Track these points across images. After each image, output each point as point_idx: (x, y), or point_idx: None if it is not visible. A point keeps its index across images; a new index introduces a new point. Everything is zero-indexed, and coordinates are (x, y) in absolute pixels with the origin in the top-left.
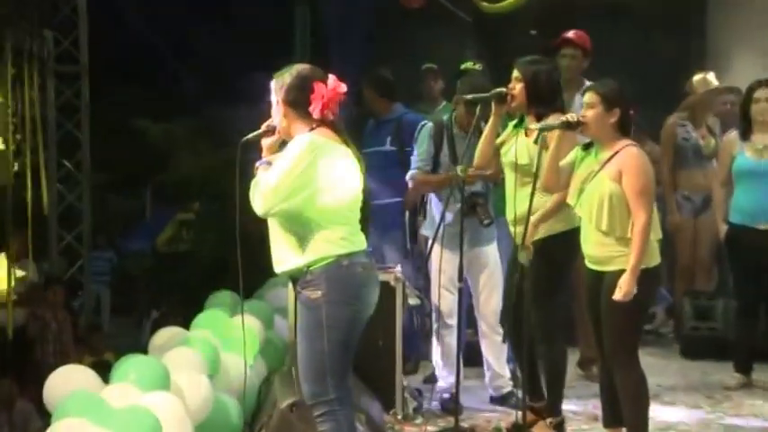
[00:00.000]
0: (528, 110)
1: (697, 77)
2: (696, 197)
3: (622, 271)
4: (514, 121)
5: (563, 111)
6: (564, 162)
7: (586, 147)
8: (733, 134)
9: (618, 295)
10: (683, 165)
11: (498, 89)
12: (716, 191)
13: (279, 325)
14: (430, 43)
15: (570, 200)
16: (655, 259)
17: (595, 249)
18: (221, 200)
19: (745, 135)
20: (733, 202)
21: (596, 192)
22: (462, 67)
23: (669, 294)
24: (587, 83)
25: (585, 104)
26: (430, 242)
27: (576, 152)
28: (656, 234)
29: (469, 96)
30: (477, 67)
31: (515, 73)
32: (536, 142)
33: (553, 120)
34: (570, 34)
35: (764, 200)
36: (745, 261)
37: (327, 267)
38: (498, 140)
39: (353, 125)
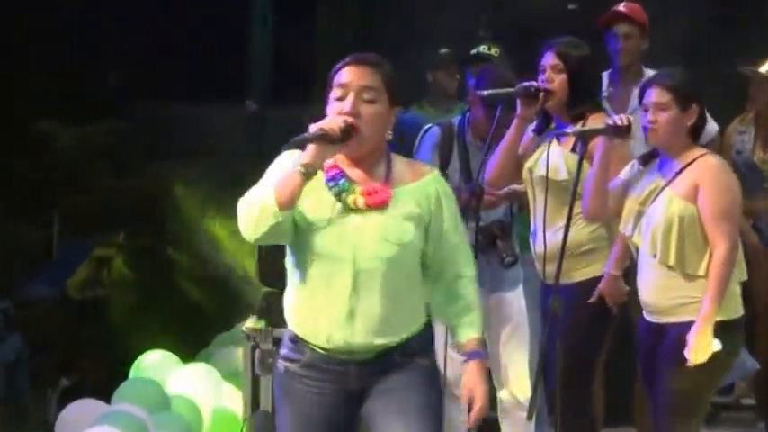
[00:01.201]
0: (567, 109)
1: (765, 67)
2: (763, 225)
3: (693, 323)
4: (533, 125)
5: (604, 111)
6: (615, 180)
7: (646, 159)
8: None
9: (689, 354)
10: (741, 186)
11: (527, 83)
12: None
13: (230, 396)
14: (434, 20)
15: (624, 227)
16: (736, 309)
17: (656, 293)
18: (153, 231)
19: None
20: None
21: (661, 214)
22: (474, 51)
23: (750, 354)
24: (648, 72)
25: (654, 105)
26: None
27: (631, 167)
28: (741, 274)
29: (488, 92)
30: (494, 52)
31: (552, 60)
32: (574, 151)
33: (596, 122)
34: (622, 7)
35: None
36: None
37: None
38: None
39: None
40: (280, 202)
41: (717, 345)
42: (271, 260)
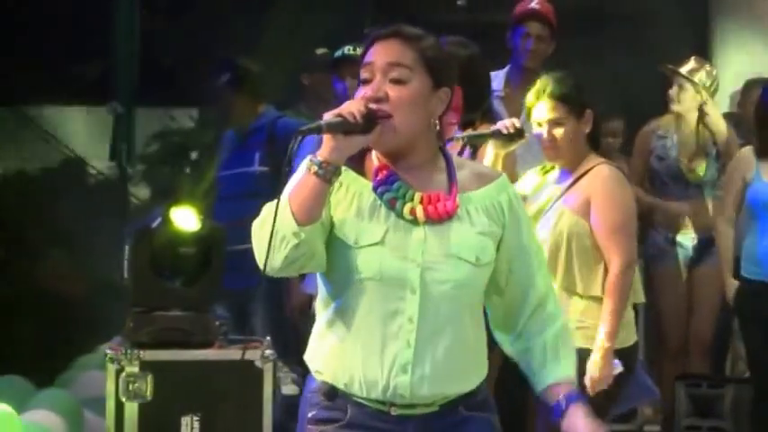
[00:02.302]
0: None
1: (687, 67)
2: (686, 241)
3: (587, 351)
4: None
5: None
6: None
7: (547, 168)
8: (745, 151)
9: (590, 383)
10: (661, 196)
11: None
12: (721, 232)
13: (92, 425)
14: (310, 19)
15: None
16: (628, 337)
17: None
18: (7, 243)
19: (763, 152)
20: (746, 248)
21: (550, 229)
22: (339, 53)
23: (652, 380)
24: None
25: (549, 121)
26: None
27: (528, 176)
28: (635, 296)
29: None
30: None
31: None
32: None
33: (485, 127)
34: (535, 4)
35: None
36: (765, 331)
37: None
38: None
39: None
40: (297, 213)
41: (618, 366)
42: (141, 275)
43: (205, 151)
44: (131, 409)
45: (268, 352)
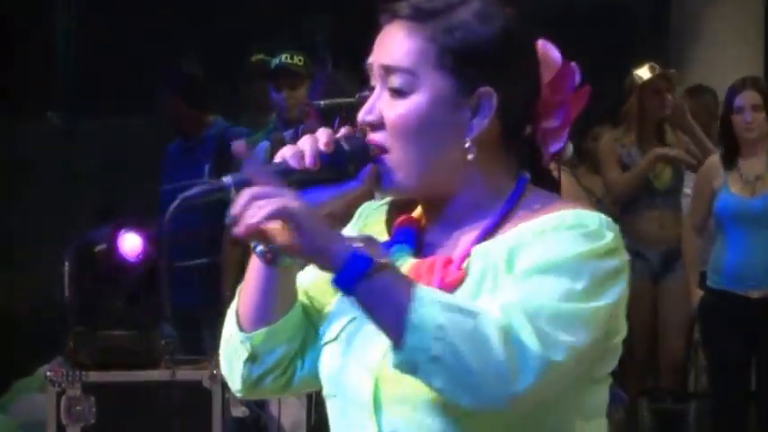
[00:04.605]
0: None
1: (640, 70)
2: (651, 253)
3: None
4: None
5: None
6: None
7: None
8: (712, 160)
9: None
10: (627, 206)
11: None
12: (688, 241)
13: None
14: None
15: None
16: None
17: None
18: None
19: (729, 161)
20: (713, 259)
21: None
22: (276, 62)
23: (622, 392)
24: None
25: None
26: None
27: None
28: None
29: (324, 102)
30: (298, 61)
31: None
32: None
33: None
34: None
35: (758, 255)
36: (729, 343)
37: None
38: None
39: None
40: (241, 314)
41: None
42: (83, 294)
43: (147, 163)
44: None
45: (216, 372)
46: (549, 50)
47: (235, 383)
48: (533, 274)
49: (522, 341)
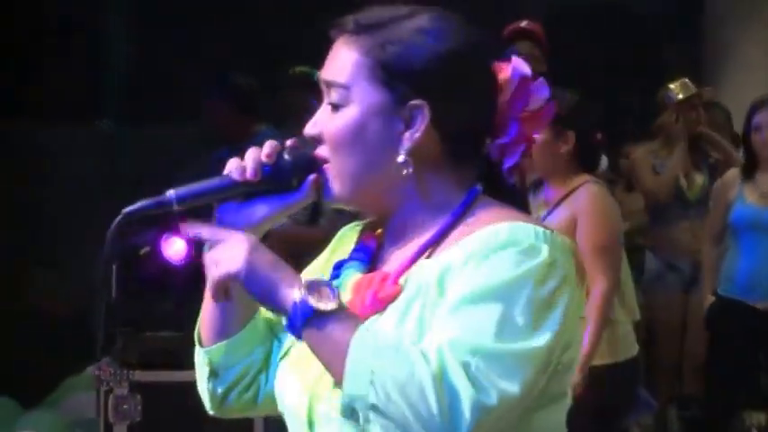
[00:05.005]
0: None
1: (673, 85)
2: (684, 264)
3: None
4: None
5: None
6: None
7: (535, 185)
8: (731, 172)
9: None
10: (659, 217)
11: None
12: (706, 250)
13: None
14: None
15: None
16: (627, 349)
17: None
18: None
19: (747, 173)
20: (725, 267)
21: None
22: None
23: (651, 399)
24: None
25: None
26: None
27: None
28: (631, 314)
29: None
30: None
31: None
32: None
33: None
34: (525, 23)
35: None
36: (734, 350)
37: None
38: None
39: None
40: (200, 328)
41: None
42: (130, 296)
43: (197, 170)
44: (120, 431)
45: None
46: (515, 68)
47: (206, 402)
48: (467, 304)
49: (455, 389)
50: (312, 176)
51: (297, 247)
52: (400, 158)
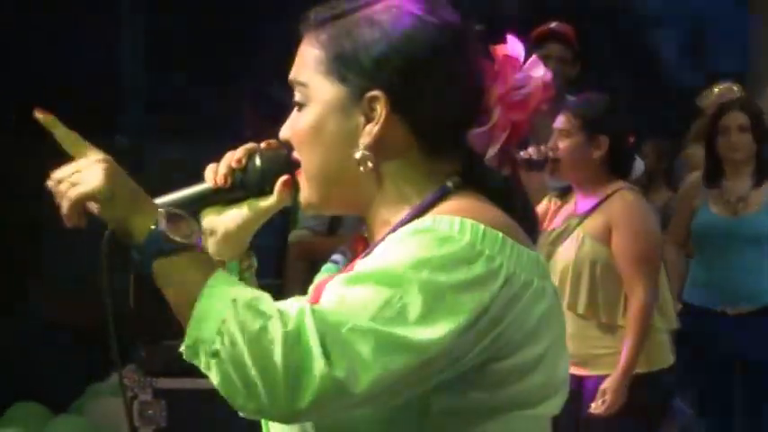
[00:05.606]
0: None
1: (717, 89)
2: None
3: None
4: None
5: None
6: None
7: (563, 193)
8: (695, 177)
9: (598, 406)
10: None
11: None
12: (670, 257)
13: None
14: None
15: None
16: (663, 359)
17: (571, 343)
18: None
19: (712, 179)
20: (691, 275)
21: (571, 257)
22: None
23: (685, 407)
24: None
25: (558, 132)
26: None
27: (546, 201)
28: (669, 322)
29: None
30: None
31: None
32: None
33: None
34: (555, 24)
35: (734, 273)
36: (705, 362)
37: None
38: None
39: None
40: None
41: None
42: (147, 305)
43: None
44: None
45: None
46: (499, 49)
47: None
48: (355, 281)
49: (307, 352)
50: (281, 180)
51: (316, 258)
52: (357, 154)
